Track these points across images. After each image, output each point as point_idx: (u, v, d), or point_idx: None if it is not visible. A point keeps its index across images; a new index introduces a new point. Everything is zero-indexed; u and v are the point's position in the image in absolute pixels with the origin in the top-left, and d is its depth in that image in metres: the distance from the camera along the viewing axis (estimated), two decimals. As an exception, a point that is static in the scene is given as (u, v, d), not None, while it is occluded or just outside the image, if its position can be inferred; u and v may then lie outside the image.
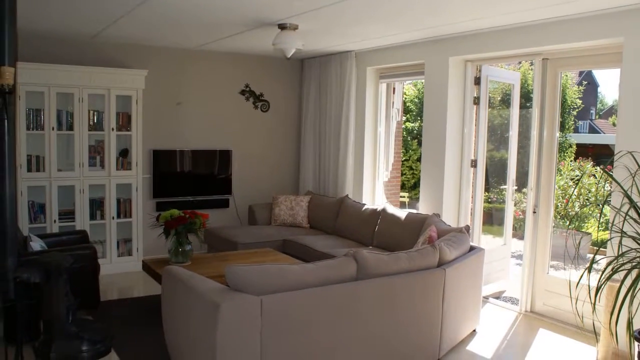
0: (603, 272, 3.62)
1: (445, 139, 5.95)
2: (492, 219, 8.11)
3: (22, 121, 6.01)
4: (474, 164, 6.09)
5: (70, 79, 6.22)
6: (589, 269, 3.61)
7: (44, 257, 4.13)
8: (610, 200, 4.38)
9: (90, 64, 6.43)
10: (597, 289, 3.58)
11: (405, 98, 14.34)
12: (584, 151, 15.44)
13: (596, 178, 9.18)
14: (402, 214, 6.08)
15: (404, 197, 12.84)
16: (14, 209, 3.67)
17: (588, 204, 8.87)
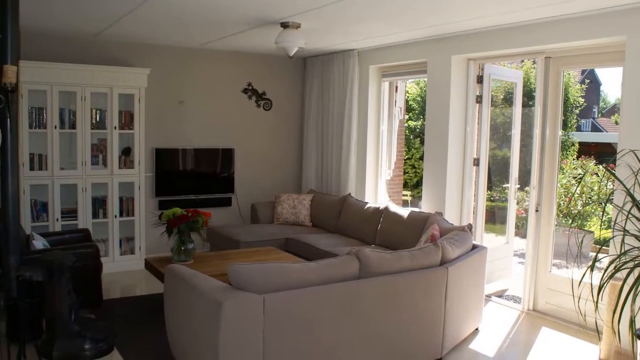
0: (605, 271, 3.63)
1: (448, 138, 5.95)
2: (495, 218, 8.10)
3: (25, 120, 6.01)
4: (476, 162, 6.08)
5: (72, 78, 6.22)
6: (592, 268, 3.61)
7: (46, 256, 4.13)
8: (612, 199, 4.38)
9: (93, 62, 6.44)
10: (600, 288, 3.58)
11: (408, 96, 14.34)
12: (586, 149, 15.44)
13: (598, 176, 9.17)
14: (404, 212, 6.08)
15: (406, 195, 12.85)
16: (17, 208, 3.68)
17: (590, 202, 8.86)
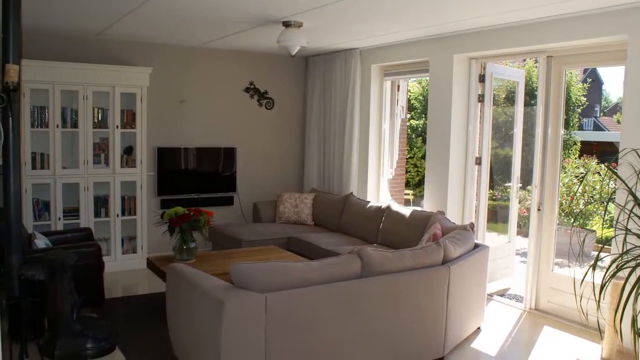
0: (607, 270, 3.62)
1: (450, 137, 5.95)
2: (497, 217, 8.09)
3: (27, 119, 6.01)
4: (478, 161, 6.08)
5: (74, 77, 6.22)
6: (594, 267, 3.60)
7: (48, 255, 4.15)
8: (614, 198, 4.37)
9: (95, 61, 6.44)
10: (602, 287, 3.58)
11: (410, 95, 14.33)
12: (588, 149, 15.43)
13: (601, 175, 9.16)
14: (406, 211, 6.08)
15: (408, 194, 12.84)
16: (19, 207, 3.68)
17: (592, 201, 8.85)
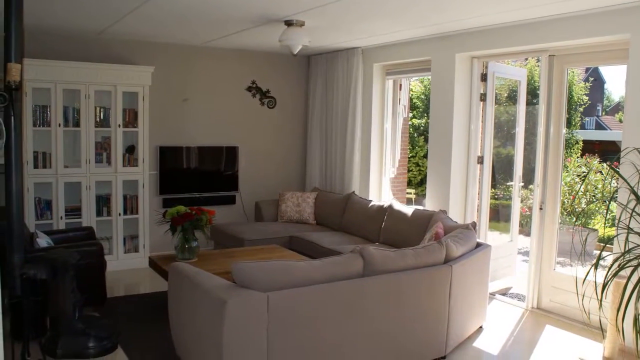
0: (609, 269, 3.62)
1: (452, 136, 5.94)
2: (499, 216, 8.09)
3: (29, 118, 6.02)
4: (480, 160, 6.07)
5: (76, 76, 6.22)
6: (596, 266, 3.60)
7: (50, 254, 4.16)
8: (616, 197, 4.36)
9: (97, 60, 6.44)
10: (604, 286, 3.58)
11: (412, 94, 14.32)
12: (590, 148, 15.39)
13: (603, 174, 9.15)
14: (408, 210, 6.08)
15: (410, 193, 12.84)
16: (21, 206, 3.69)
17: (594, 200, 8.84)
